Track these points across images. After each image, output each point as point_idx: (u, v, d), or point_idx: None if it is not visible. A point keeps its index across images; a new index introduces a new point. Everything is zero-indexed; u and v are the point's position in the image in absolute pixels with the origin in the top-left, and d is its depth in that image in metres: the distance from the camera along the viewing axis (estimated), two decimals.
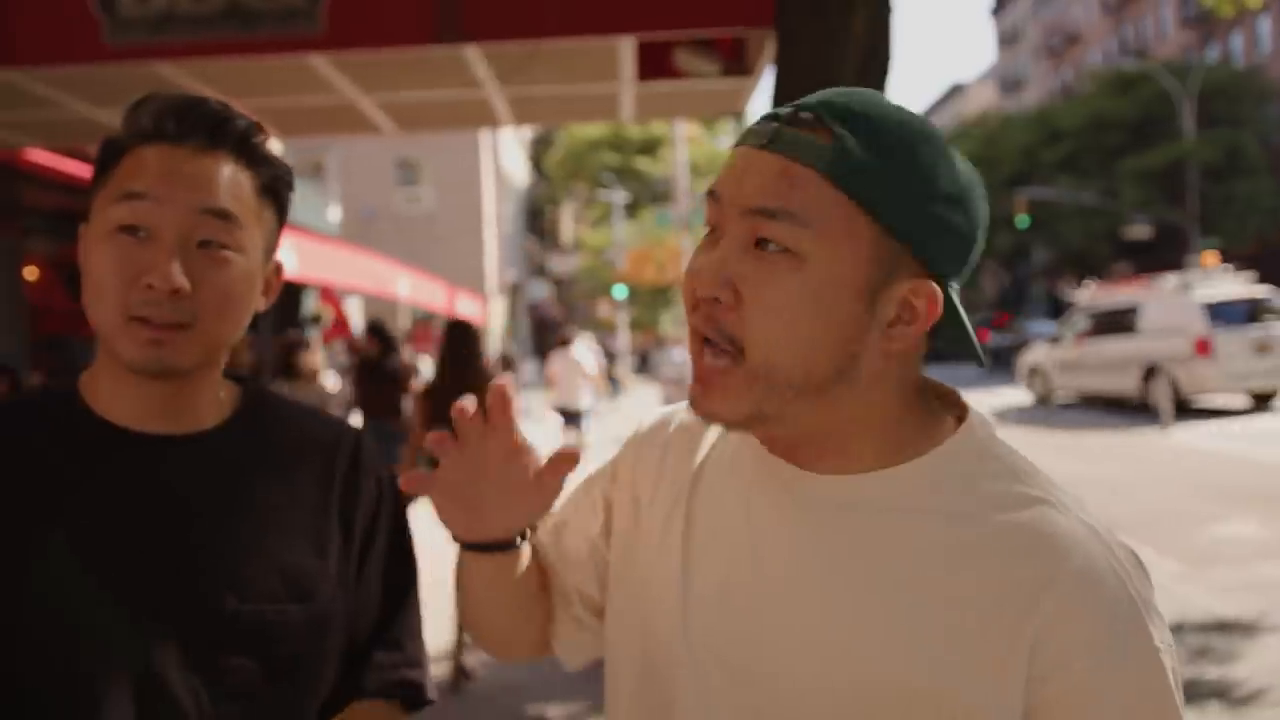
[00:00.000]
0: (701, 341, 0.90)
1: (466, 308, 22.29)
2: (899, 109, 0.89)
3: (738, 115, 7.22)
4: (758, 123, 0.91)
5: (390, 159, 30.03)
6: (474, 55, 5.39)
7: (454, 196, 30.50)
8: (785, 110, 0.89)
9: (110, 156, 1.11)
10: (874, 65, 3.84)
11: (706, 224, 0.92)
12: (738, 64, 5.69)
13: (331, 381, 8.51)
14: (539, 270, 47.40)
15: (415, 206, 30.37)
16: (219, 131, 1.11)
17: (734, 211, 0.88)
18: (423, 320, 26.04)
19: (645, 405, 17.09)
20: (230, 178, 1.10)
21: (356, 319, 14.63)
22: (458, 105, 6.62)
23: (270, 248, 1.17)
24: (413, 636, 1.26)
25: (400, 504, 1.29)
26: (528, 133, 42.56)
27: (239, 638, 1.08)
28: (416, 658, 1.25)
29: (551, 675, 5.36)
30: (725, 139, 37.88)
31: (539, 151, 46.32)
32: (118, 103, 6.00)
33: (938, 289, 0.88)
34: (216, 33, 4.68)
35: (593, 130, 36.98)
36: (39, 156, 8.43)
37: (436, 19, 4.76)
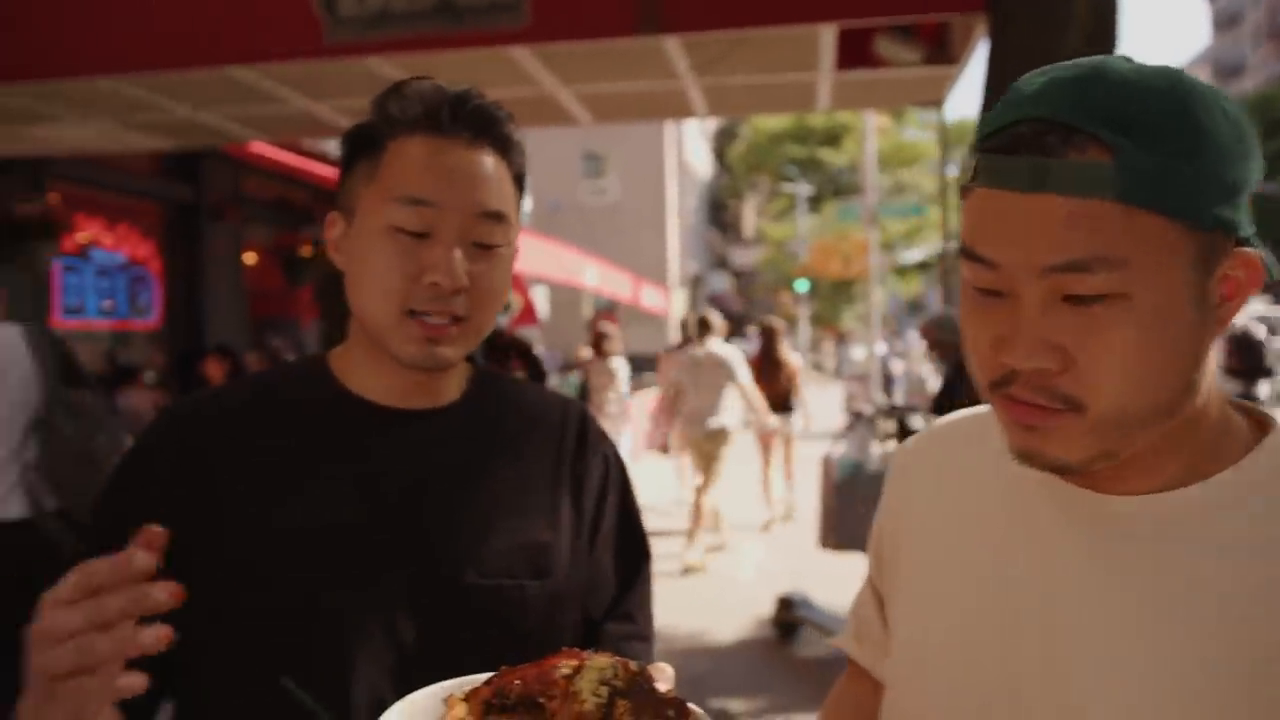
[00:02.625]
0: (1014, 401, 0.81)
1: (650, 299, 22.53)
2: (1153, 73, 0.77)
3: (937, 105, 6.99)
4: (1004, 158, 0.77)
5: (577, 151, 30.63)
6: (673, 46, 5.41)
7: (638, 188, 30.86)
8: (1030, 129, 0.76)
9: (368, 145, 1.11)
10: (1097, 51, 3.63)
11: (971, 285, 0.82)
12: (940, 52, 5.51)
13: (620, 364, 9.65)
14: (720, 263, 47.47)
15: (600, 198, 30.89)
16: (487, 125, 1.12)
17: (1025, 273, 0.77)
18: (605, 309, 26.48)
19: (826, 404, 16.74)
20: (496, 174, 1.12)
21: (543, 306, 15.00)
22: (653, 96, 6.66)
23: (518, 232, 1.19)
24: (642, 609, 1.28)
25: (628, 479, 1.29)
26: (711, 125, 42.67)
27: (477, 612, 1.10)
28: (645, 631, 1.27)
29: (732, 669, 5.35)
30: (913, 130, 36.96)
31: (722, 144, 46.37)
32: (333, 97, 6.33)
33: (1252, 252, 0.79)
34: (427, 28, 4.87)
35: (777, 122, 36.72)
36: (260, 149, 8.99)
37: (638, 10, 4.80)
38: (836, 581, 6.34)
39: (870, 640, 1.09)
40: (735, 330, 30.03)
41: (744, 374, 7.85)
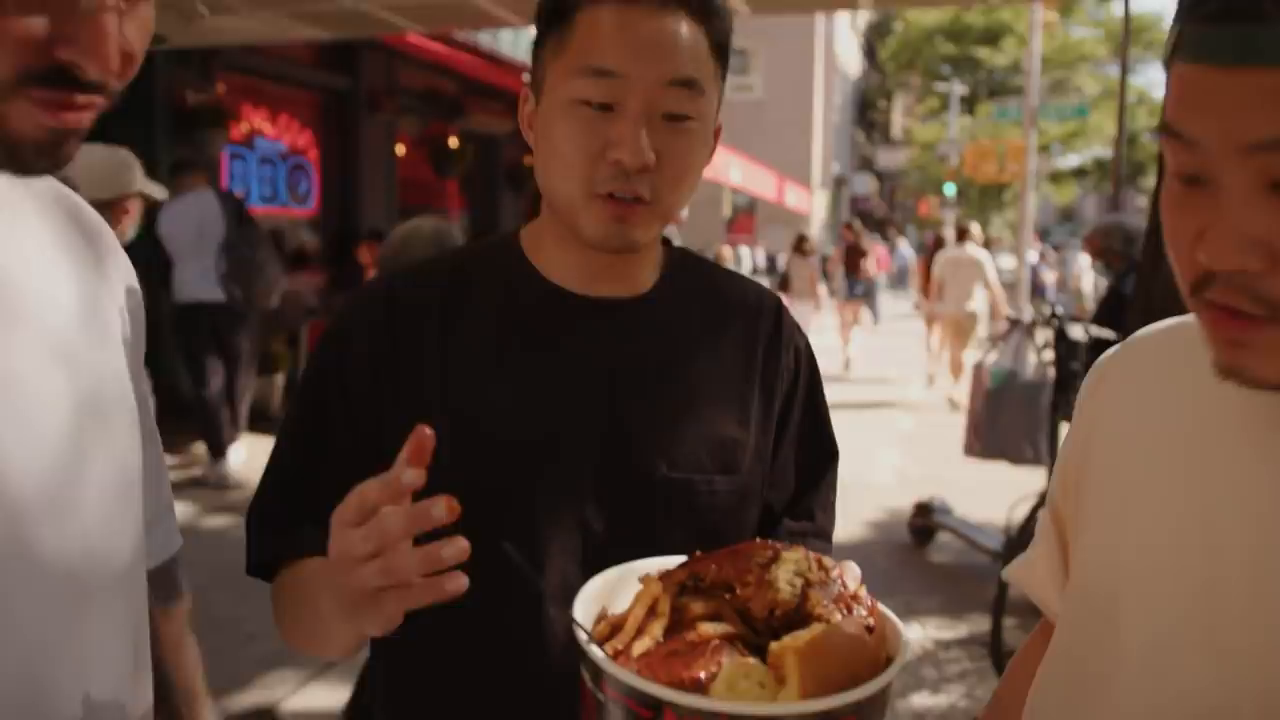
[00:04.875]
0: (1218, 310, 0.74)
1: (793, 199, 22.16)
2: None
3: None
4: (1210, 27, 0.69)
5: None
6: None
7: (784, 86, 30.10)
8: (1237, 3, 0.68)
9: (558, 15, 1.07)
10: None
11: (1172, 173, 0.75)
12: None
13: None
14: (864, 164, 46.17)
15: (745, 95, 30.25)
16: None
17: (1228, 154, 0.69)
18: (745, 209, 26.18)
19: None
20: (690, 40, 1.05)
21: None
22: None
23: (718, 108, 1.14)
24: (824, 509, 1.26)
25: (818, 374, 1.27)
26: (862, 21, 41.05)
27: (666, 505, 1.11)
28: (825, 529, 1.25)
29: (867, 572, 5.36)
30: (1080, 28, 34.84)
31: (873, 41, 44.65)
32: None
33: None
34: None
35: (932, 19, 35.08)
36: (414, 40, 9.08)
37: None
38: (976, 490, 6.28)
39: (1044, 574, 1.05)
40: (879, 233, 29.35)
41: (991, 272, 10.74)
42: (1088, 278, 13.29)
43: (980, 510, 5.81)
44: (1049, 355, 5.17)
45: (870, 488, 7.07)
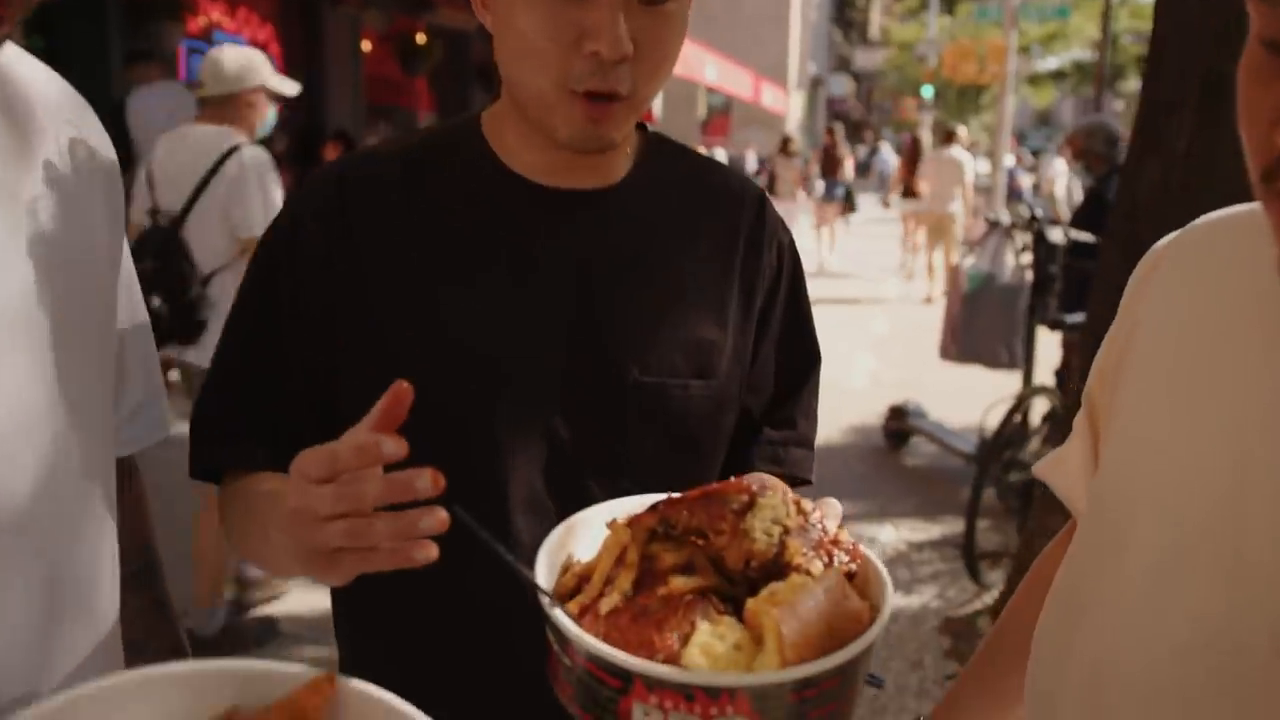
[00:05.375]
0: None
1: (770, 99, 21.80)
2: None
3: None
4: None
5: None
6: None
7: None
8: None
9: None
10: None
11: (1256, 36, 0.67)
12: None
13: None
14: (842, 65, 45.38)
15: None
16: None
17: None
18: (719, 110, 25.77)
19: None
20: None
21: (655, 103, 14.62)
22: None
23: None
24: (806, 415, 1.19)
25: (801, 272, 1.18)
26: None
27: (638, 412, 1.04)
28: (807, 437, 1.19)
29: (841, 475, 5.38)
30: None
31: None
32: None
33: None
34: None
35: None
36: None
37: None
38: (950, 394, 6.30)
39: (1075, 470, 0.97)
40: (854, 136, 28.92)
41: (969, 175, 11.56)
42: (1061, 183, 13.30)
43: (955, 414, 5.83)
44: (1027, 259, 5.13)
45: (845, 391, 7.07)
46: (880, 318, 10.14)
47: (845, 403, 6.72)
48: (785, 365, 1.17)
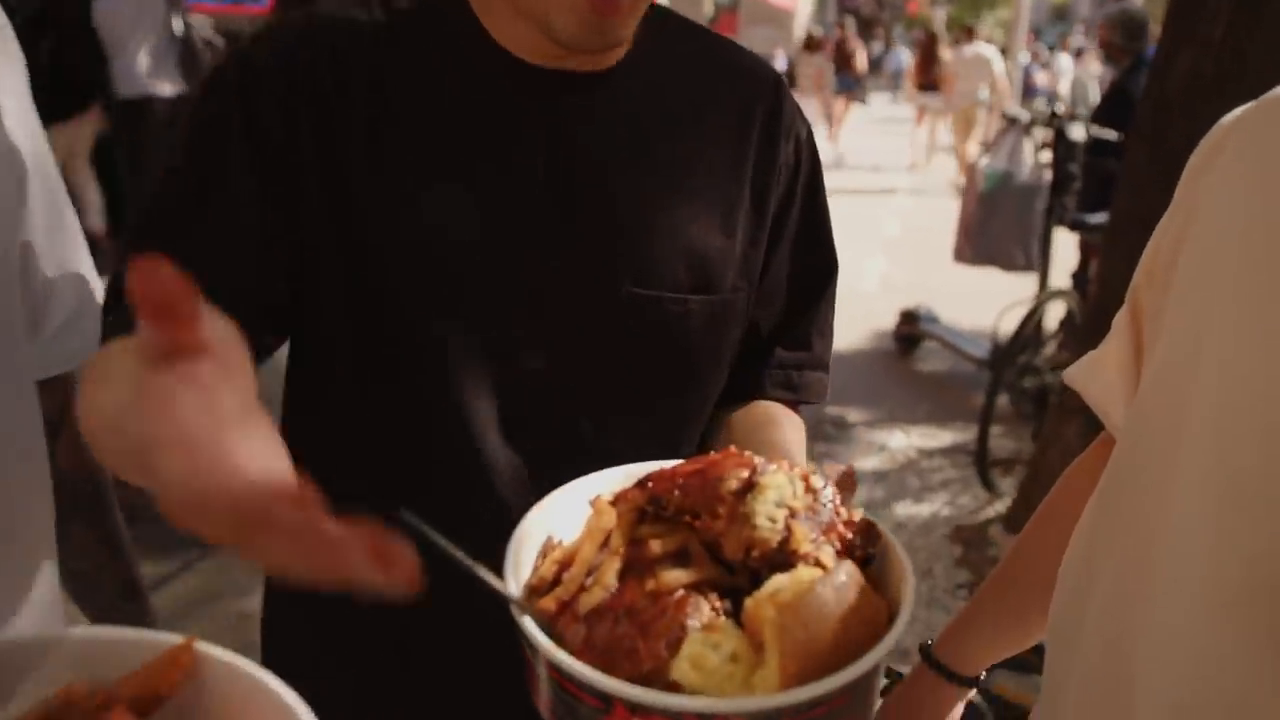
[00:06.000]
0: None
1: None
2: None
3: None
4: None
5: None
6: None
7: None
8: None
9: None
10: None
11: None
12: None
13: None
14: None
15: None
16: None
17: None
18: (727, 9, 25.03)
19: None
20: None
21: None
22: None
23: None
24: (822, 334, 1.08)
25: (819, 170, 1.06)
26: None
27: (629, 329, 0.94)
28: (823, 358, 1.09)
29: (850, 380, 5.31)
30: None
31: None
32: None
33: None
34: None
35: None
36: None
37: None
38: (963, 298, 6.18)
39: (1112, 377, 0.87)
40: (865, 33, 28.12)
41: (999, 66, 11.65)
42: (1066, 80, 13.10)
43: (968, 318, 5.72)
44: (1046, 157, 4.96)
45: (855, 295, 6.94)
46: (892, 220, 9.94)
47: (856, 306, 6.61)
48: (799, 276, 1.05)
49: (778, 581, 0.60)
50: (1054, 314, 4.72)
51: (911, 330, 5.80)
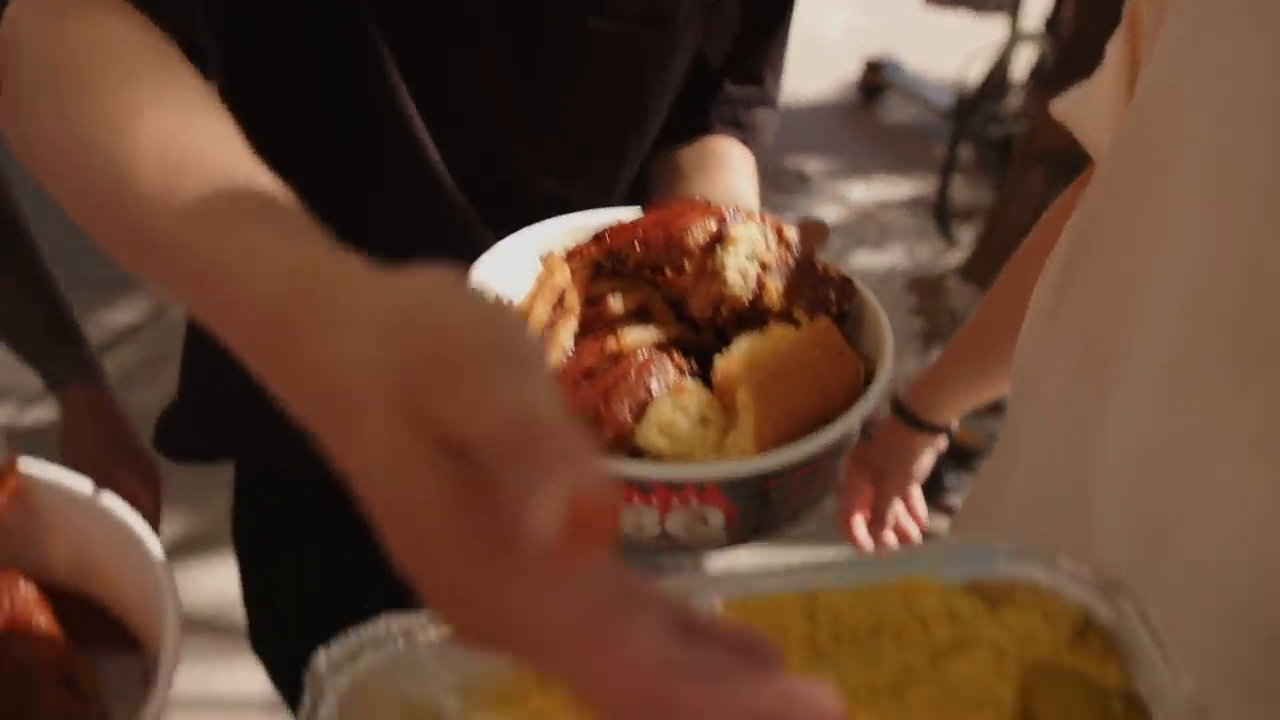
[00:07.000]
0: None
1: None
2: None
3: None
4: None
5: None
6: None
7: None
8: None
9: None
10: None
11: None
12: None
13: None
14: None
15: None
16: None
17: None
18: None
19: None
20: None
21: None
22: None
23: None
24: (774, 69, 1.01)
25: None
26: None
27: (581, 53, 0.84)
28: (772, 95, 1.01)
29: (812, 131, 5.19)
30: None
31: None
32: None
33: None
34: None
35: None
36: None
37: None
38: (931, 46, 5.95)
39: (1102, 103, 0.78)
40: None
41: None
42: None
43: (935, 67, 5.54)
44: None
45: (818, 43, 6.68)
46: None
47: (817, 54, 6.36)
48: (753, 5, 0.96)
49: (750, 340, 0.55)
50: (1025, 61, 4.57)
51: (876, 80, 5.63)
